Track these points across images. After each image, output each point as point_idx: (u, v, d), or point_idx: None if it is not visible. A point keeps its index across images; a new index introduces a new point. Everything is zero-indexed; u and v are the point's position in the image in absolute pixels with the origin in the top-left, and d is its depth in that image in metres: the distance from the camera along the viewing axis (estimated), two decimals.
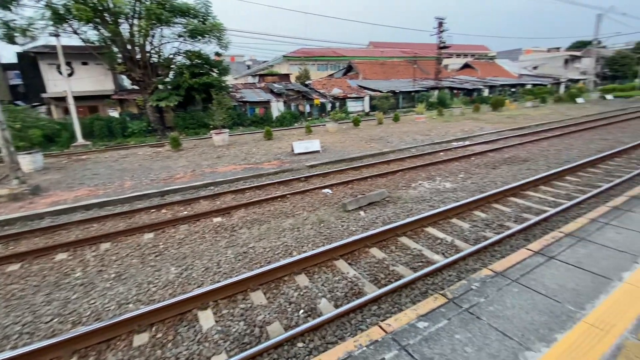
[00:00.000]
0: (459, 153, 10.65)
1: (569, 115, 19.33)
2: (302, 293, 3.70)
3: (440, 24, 29.75)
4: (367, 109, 27.37)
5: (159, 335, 3.17)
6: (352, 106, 26.94)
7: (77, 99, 18.39)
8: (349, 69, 37.42)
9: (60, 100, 19.65)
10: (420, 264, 4.27)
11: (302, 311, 3.39)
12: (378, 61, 39.21)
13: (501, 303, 2.09)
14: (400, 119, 21.34)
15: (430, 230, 5.16)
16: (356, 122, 18.69)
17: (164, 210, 6.92)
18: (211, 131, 15.68)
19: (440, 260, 4.16)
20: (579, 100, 28.08)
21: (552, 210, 5.35)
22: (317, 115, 25.67)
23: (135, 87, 19.88)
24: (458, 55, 53.84)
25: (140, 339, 3.12)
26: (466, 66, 43.78)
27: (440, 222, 5.45)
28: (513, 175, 7.86)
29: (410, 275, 3.81)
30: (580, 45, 54.28)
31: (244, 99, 23.32)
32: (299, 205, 6.71)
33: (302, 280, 3.97)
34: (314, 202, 6.85)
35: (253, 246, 4.96)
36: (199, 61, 19.98)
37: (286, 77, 30.79)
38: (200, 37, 18.79)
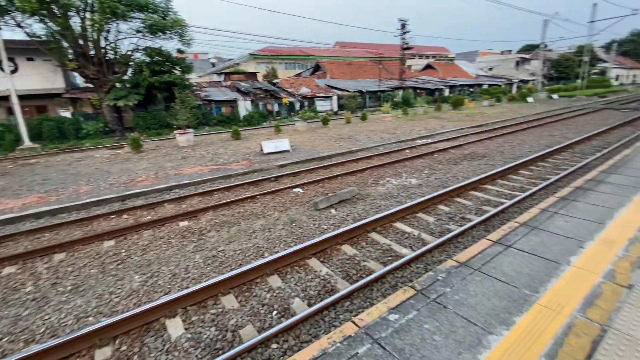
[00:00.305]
0: (423, 150, 11.08)
1: (521, 114, 20.82)
2: (275, 294, 3.67)
3: (403, 26, 30.73)
4: (335, 108, 27.65)
5: (124, 348, 3.00)
6: (321, 105, 27.08)
7: (23, 97, 16.76)
8: (317, 68, 37.56)
9: (3, 99, 17.83)
10: (390, 258, 4.40)
11: (275, 312, 3.37)
12: (345, 61, 39.72)
13: (465, 292, 2.21)
14: (368, 118, 21.80)
15: (399, 225, 5.33)
16: (325, 121, 18.82)
17: (125, 216, 6.54)
18: (175, 131, 15.03)
19: (409, 254, 4.30)
20: (529, 99, 30.33)
21: (509, 202, 5.74)
22: (286, 114, 25.52)
23: (90, 85, 18.50)
24: (420, 56, 55.95)
25: (102, 353, 2.93)
26: (428, 67, 45.61)
27: (407, 217, 5.65)
28: (473, 170, 8.32)
29: (381, 270, 3.91)
30: (530, 48, 58.60)
31: (209, 98, 22.60)
32: (270, 205, 6.63)
33: (274, 281, 3.94)
34: (285, 201, 6.81)
35: (223, 249, 4.83)
36: (160, 58, 19.04)
37: (253, 75, 30.25)
38: (160, 33, 17.89)
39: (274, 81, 30.17)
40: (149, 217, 6.35)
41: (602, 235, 2.96)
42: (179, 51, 19.65)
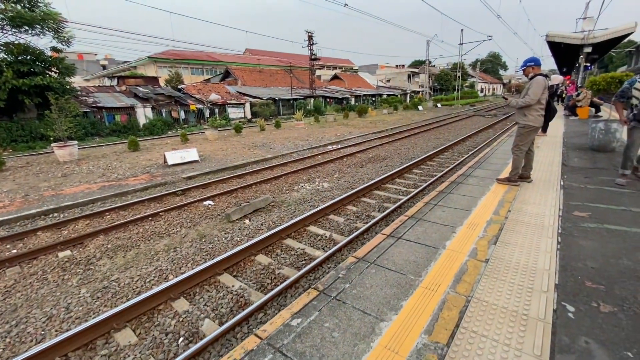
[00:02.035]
0: (334, 155, 11.72)
1: (414, 120, 23.90)
2: (181, 319, 3.37)
3: (310, 37, 32.15)
4: (248, 116, 27.13)
5: None
6: (233, 112, 26.24)
7: None
8: (227, 74, 36.31)
9: None
10: (304, 262, 4.50)
11: (181, 339, 3.09)
12: (256, 68, 39.41)
13: (362, 285, 2.40)
14: (282, 126, 22.03)
15: (312, 228, 5.50)
16: (238, 129, 18.28)
17: None
18: (52, 144, 12.55)
19: (321, 255, 4.48)
20: (420, 108, 35.08)
21: (404, 198, 6.49)
22: (195, 122, 23.91)
23: None
24: (328, 67, 59.31)
25: None
26: (335, 77, 48.68)
27: (320, 219, 5.87)
28: (376, 171, 9.16)
29: (295, 275, 3.97)
30: (418, 63, 67.88)
31: (98, 105, 19.64)
32: (176, 222, 6.10)
33: (180, 305, 3.62)
34: (194, 216, 6.35)
35: (117, 278, 4.23)
36: (27, 57, 15.73)
37: (154, 80, 27.50)
38: (27, 28, 14.83)
39: (179, 87, 28.00)
40: (14, 251, 5.15)
41: (468, 220, 3.60)
42: (54, 49, 16.57)
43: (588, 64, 19.56)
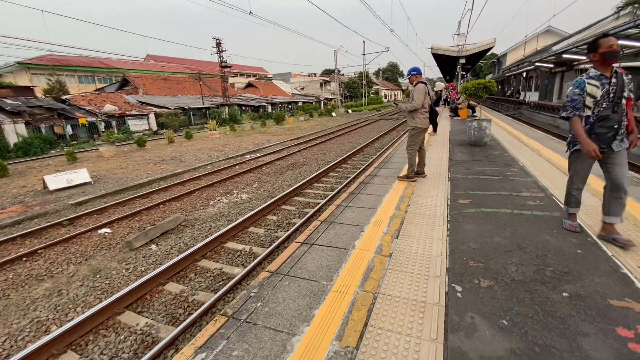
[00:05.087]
0: (252, 164, 11.43)
1: (328, 126, 25.02)
2: None
3: (219, 44, 30.96)
4: (154, 127, 24.59)
5: None
6: (135, 124, 23.45)
7: None
8: (125, 82, 32.35)
9: None
10: (222, 282, 4.21)
11: None
12: (160, 76, 36.08)
13: (275, 301, 2.32)
14: (194, 136, 20.60)
15: (230, 244, 5.21)
16: (141, 143, 16.37)
17: None
18: None
19: (240, 272, 4.25)
20: (333, 114, 36.97)
21: (322, 201, 6.67)
22: (86, 137, 20.60)
23: None
24: (242, 74, 57.99)
25: None
26: (250, 85, 47.91)
27: (238, 234, 5.61)
28: (295, 178, 9.23)
29: (211, 299, 3.68)
30: (328, 72, 71.50)
31: None
32: (61, 259, 5.10)
33: (68, 359, 3.00)
34: (85, 249, 5.41)
35: None
36: None
37: (27, 90, 22.83)
38: None
39: (64, 97, 23.81)
40: None
41: (374, 218, 3.86)
42: None
43: (464, 73, 23.40)
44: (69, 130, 19.87)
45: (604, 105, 2.74)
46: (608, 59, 2.69)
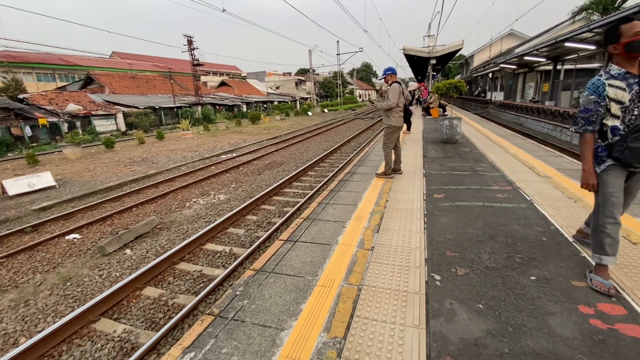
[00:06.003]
0: (229, 165, 11.23)
1: (305, 125, 25.03)
2: None
3: (190, 42, 30.08)
4: (123, 128, 23.51)
5: None
6: (101, 125, 22.31)
7: None
8: (89, 81, 30.64)
9: None
10: (202, 284, 4.14)
11: None
12: (128, 74, 34.48)
13: (261, 298, 2.34)
14: (166, 137, 19.90)
15: (209, 246, 5.12)
16: (109, 144, 15.61)
17: None
18: None
19: (221, 274, 4.20)
20: (309, 113, 37.00)
21: (302, 200, 6.70)
22: (47, 139, 19.33)
23: None
24: (214, 73, 56.65)
25: None
26: (223, 84, 46.89)
27: (217, 235, 5.53)
28: (274, 177, 9.19)
29: (192, 302, 3.61)
30: (303, 71, 71.43)
31: None
32: (25, 268, 4.80)
33: None
34: (53, 256, 5.12)
35: None
36: None
37: None
38: None
39: (21, 96, 22.20)
40: None
41: (355, 214, 3.96)
42: None
43: (435, 73, 24.27)
44: (27, 131, 18.55)
45: (635, 112, 2.00)
46: (634, 50, 1.95)
